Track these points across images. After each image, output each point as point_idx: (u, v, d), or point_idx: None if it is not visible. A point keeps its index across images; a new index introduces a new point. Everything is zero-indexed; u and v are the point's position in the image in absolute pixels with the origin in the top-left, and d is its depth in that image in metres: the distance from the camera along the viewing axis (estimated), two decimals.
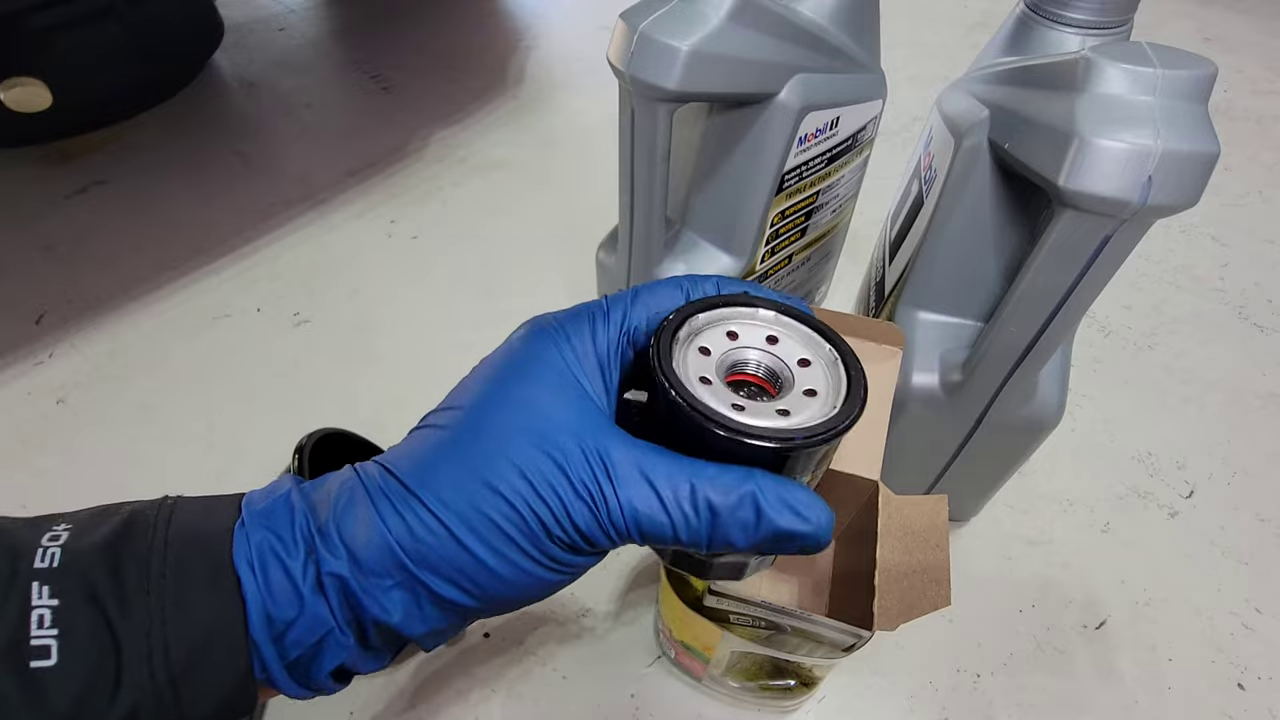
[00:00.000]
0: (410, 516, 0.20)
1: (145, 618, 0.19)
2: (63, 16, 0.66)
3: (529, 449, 0.20)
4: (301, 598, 0.20)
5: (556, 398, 0.21)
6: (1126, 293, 0.65)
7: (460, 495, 0.20)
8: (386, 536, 0.20)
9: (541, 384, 0.21)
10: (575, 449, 0.20)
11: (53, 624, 0.18)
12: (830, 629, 0.30)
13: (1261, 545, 0.49)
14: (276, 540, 0.20)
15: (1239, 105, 0.88)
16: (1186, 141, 0.26)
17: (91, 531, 0.20)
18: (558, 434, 0.20)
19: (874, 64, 0.44)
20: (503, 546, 0.20)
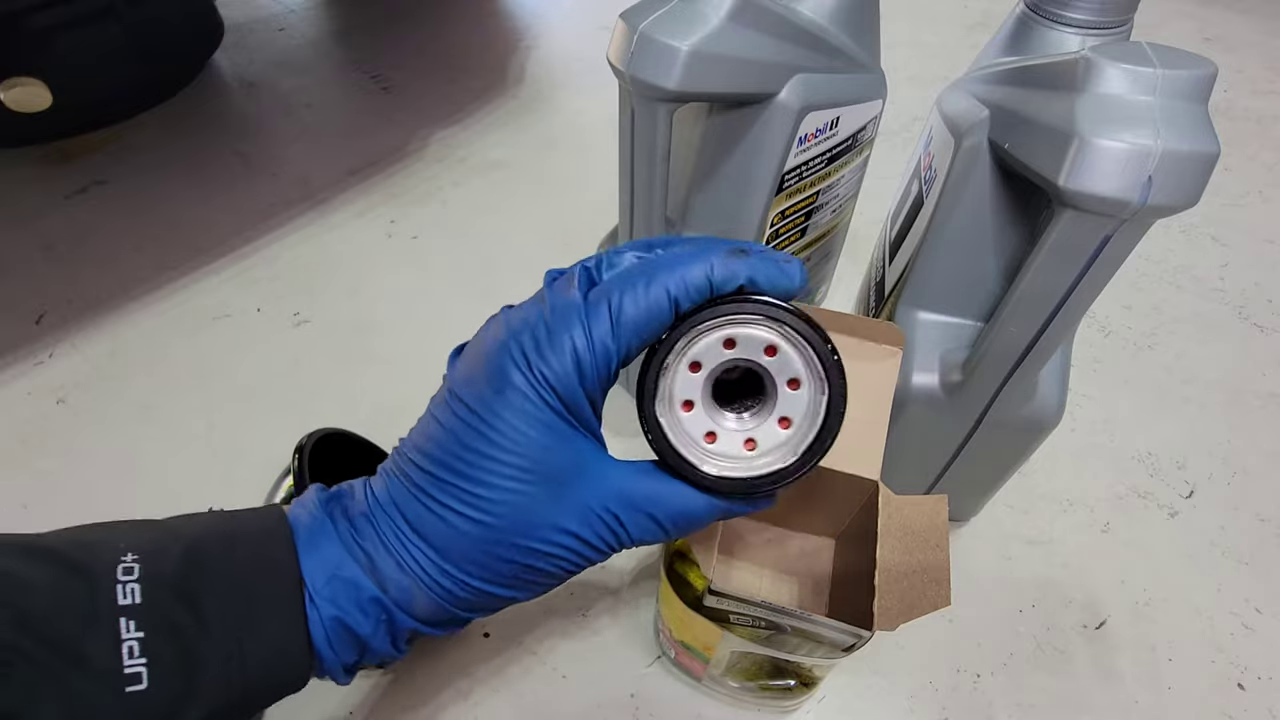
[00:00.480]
0: (455, 588, 0.24)
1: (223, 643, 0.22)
2: (63, 16, 0.66)
3: (550, 524, 0.23)
4: (370, 649, 0.25)
5: (556, 460, 0.23)
6: (1126, 293, 0.65)
7: (496, 573, 0.24)
8: (441, 603, 0.24)
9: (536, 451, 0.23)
10: (593, 514, 0.23)
11: (141, 654, 0.21)
12: (830, 629, 0.30)
13: (1261, 545, 0.49)
14: (349, 617, 0.24)
15: (1239, 105, 0.88)
16: (1186, 141, 0.26)
17: (160, 561, 0.23)
18: (571, 504, 0.23)
19: (874, 64, 0.44)
20: (534, 591, 0.25)
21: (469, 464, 0.23)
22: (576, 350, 0.22)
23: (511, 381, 0.22)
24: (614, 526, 0.23)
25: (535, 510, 0.23)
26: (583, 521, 0.23)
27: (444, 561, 0.23)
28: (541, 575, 0.24)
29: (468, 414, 0.23)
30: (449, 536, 0.23)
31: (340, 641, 0.24)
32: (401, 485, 0.24)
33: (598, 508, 0.23)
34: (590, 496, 0.23)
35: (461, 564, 0.23)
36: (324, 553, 0.24)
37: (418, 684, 0.42)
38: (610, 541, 0.24)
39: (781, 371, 0.23)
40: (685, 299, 0.22)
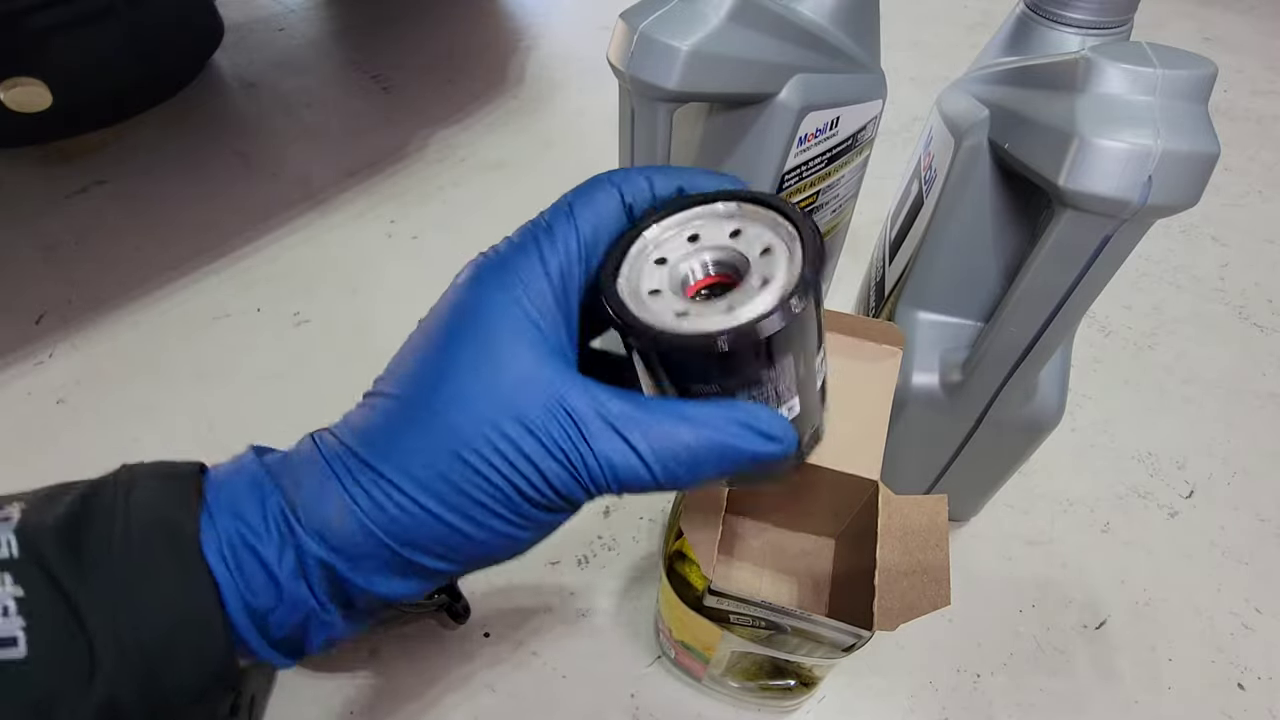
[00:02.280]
0: (384, 499, 0.20)
1: (112, 605, 0.19)
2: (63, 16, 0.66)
3: (495, 414, 0.19)
4: (279, 585, 0.20)
5: (514, 350, 0.20)
6: (1126, 293, 0.65)
7: (432, 471, 0.19)
8: (365, 521, 0.20)
9: (496, 337, 0.20)
10: (542, 409, 0.19)
11: (18, 613, 0.18)
12: (830, 629, 0.30)
13: (1261, 545, 0.49)
14: (247, 529, 0.20)
15: (1239, 105, 0.88)
16: (1186, 141, 0.26)
17: (46, 511, 0.19)
18: (522, 394, 0.19)
19: (874, 64, 0.44)
20: (482, 517, 0.20)
21: (429, 360, 0.21)
22: (534, 235, 0.21)
23: (478, 274, 0.21)
24: (571, 434, 0.19)
25: (488, 393, 0.19)
26: (535, 413, 0.19)
27: (376, 459, 0.20)
28: (481, 491, 0.19)
29: (433, 315, 0.21)
30: (391, 433, 0.20)
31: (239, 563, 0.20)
32: (362, 406, 0.22)
33: (555, 404, 0.19)
34: (550, 390, 0.19)
35: (395, 462, 0.20)
36: (236, 478, 0.21)
37: (418, 684, 0.42)
38: (567, 452, 0.19)
39: (750, 247, 0.20)
40: (629, 195, 0.22)
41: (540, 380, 0.20)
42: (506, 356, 0.20)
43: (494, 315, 0.20)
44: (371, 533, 0.20)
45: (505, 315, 0.20)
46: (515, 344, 0.20)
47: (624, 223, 0.22)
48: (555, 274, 0.21)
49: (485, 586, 0.46)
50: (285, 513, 0.20)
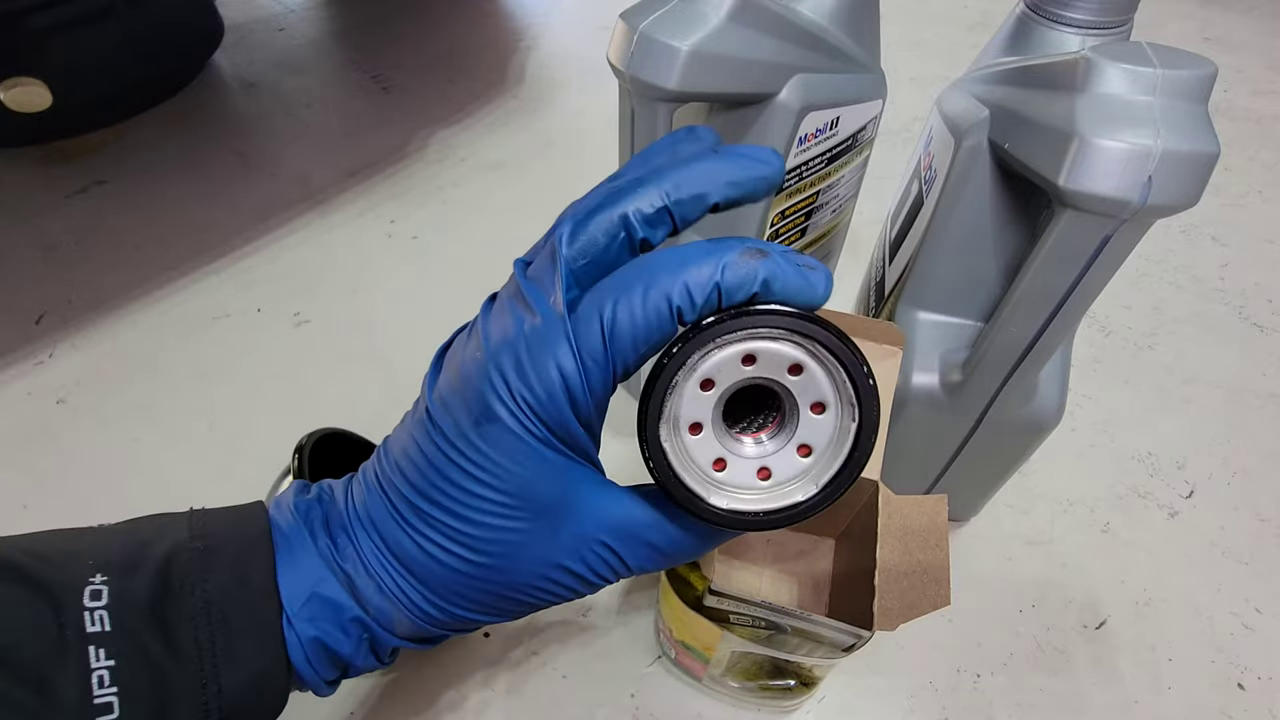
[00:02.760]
0: (443, 616, 0.23)
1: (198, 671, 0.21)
2: (63, 16, 0.66)
3: (544, 563, 0.22)
4: (354, 666, 0.24)
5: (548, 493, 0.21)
6: (1126, 293, 0.65)
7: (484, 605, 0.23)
8: (426, 626, 0.24)
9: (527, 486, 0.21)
10: (591, 552, 0.22)
11: (112, 683, 0.20)
12: (830, 629, 0.30)
13: (1261, 545, 0.49)
14: (329, 638, 0.23)
15: (1239, 105, 0.88)
16: (1186, 141, 0.26)
17: (131, 583, 0.21)
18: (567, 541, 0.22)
19: (874, 64, 0.44)
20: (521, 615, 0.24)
21: (451, 498, 0.21)
22: (564, 374, 0.19)
23: (492, 412, 0.20)
24: (609, 560, 0.22)
25: (526, 547, 0.21)
26: (576, 557, 0.22)
27: (427, 591, 0.23)
28: (530, 606, 0.23)
29: (447, 445, 0.21)
30: (432, 570, 0.22)
31: (320, 661, 0.23)
32: (382, 504, 0.23)
33: (593, 541, 0.21)
34: (585, 530, 0.21)
35: (445, 596, 0.23)
36: (303, 568, 0.23)
37: (418, 684, 0.42)
38: (606, 575, 0.22)
39: (805, 393, 0.20)
40: (690, 308, 0.19)
41: (583, 522, 0.21)
42: (548, 504, 0.21)
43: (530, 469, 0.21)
44: (428, 630, 0.24)
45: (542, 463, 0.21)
46: (552, 489, 0.21)
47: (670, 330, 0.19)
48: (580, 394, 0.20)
49: None
50: (362, 620, 0.23)
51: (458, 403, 0.21)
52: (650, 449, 0.20)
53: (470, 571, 0.22)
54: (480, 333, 0.21)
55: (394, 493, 0.22)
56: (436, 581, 0.22)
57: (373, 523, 0.23)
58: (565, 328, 0.20)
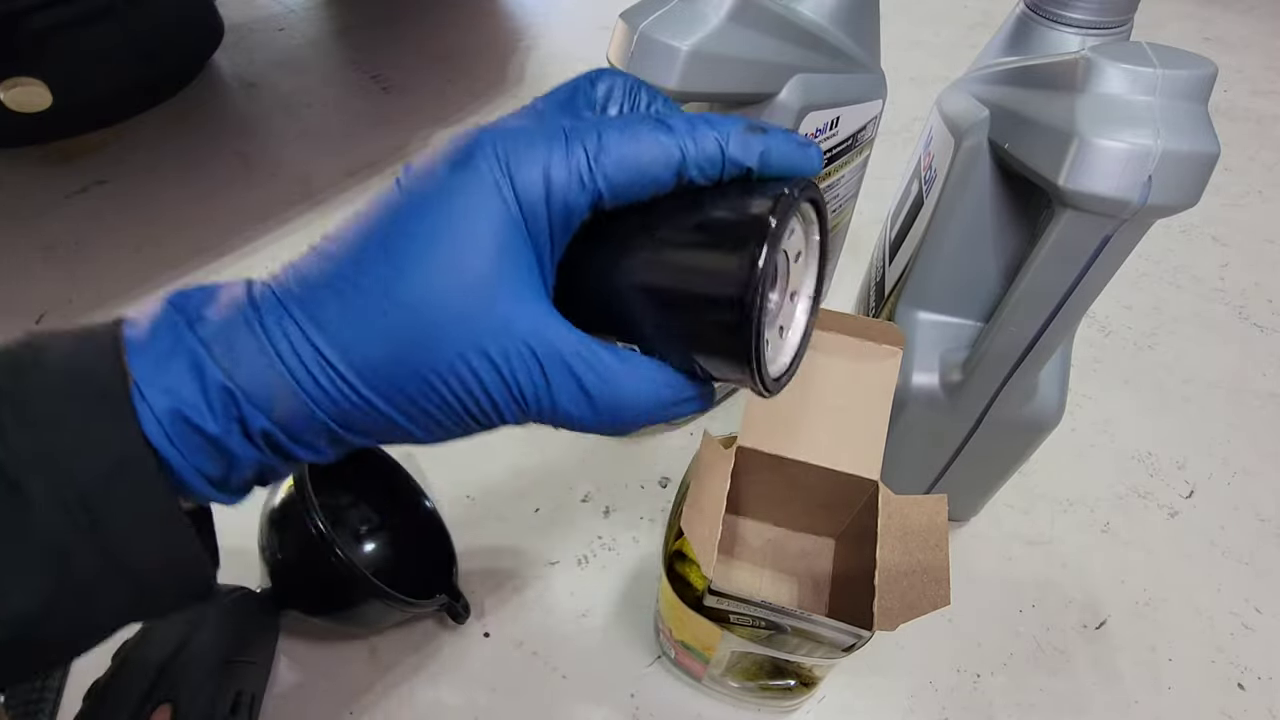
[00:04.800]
0: (337, 394, 0.19)
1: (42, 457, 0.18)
2: (63, 16, 0.66)
3: (467, 342, 0.19)
4: (232, 454, 0.20)
5: (503, 277, 0.19)
6: (1126, 293, 0.65)
7: (392, 384, 0.19)
8: (314, 409, 0.19)
9: (488, 259, 0.19)
10: (518, 354, 0.19)
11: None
12: (830, 629, 0.30)
13: (1261, 545, 0.49)
14: (187, 406, 0.19)
15: (1239, 105, 0.88)
16: (1186, 141, 0.26)
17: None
18: (500, 328, 0.19)
19: (874, 64, 0.44)
20: (432, 426, 0.20)
21: (400, 247, 0.19)
22: (550, 166, 0.19)
23: (475, 163, 0.19)
24: (535, 378, 0.19)
25: (456, 317, 0.19)
26: (501, 350, 0.19)
27: (332, 352, 0.19)
28: (435, 406, 0.20)
29: (416, 189, 0.19)
30: (348, 324, 0.19)
31: (187, 442, 0.19)
32: (312, 264, 0.20)
33: (522, 344, 0.19)
34: (519, 326, 0.19)
35: (352, 360, 0.19)
36: (158, 343, 0.19)
37: (418, 684, 0.42)
38: (526, 389, 0.20)
39: (792, 245, 0.21)
40: (694, 165, 0.19)
41: (522, 319, 0.19)
42: (494, 284, 0.19)
43: (481, 223, 0.19)
44: (318, 418, 0.20)
45: (491, 224, 0.19)
46: (505, 269, 0.19)
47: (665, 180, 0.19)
48: (558, 199, 0.19)
49: (485, 586, 0.46)
50: (229, 389, 0.19)
51: (438, 159, 0.20)
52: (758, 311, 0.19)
53: (390, 330, 0.19)
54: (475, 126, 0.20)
55: (325, 244, 0.20)
56: (347, 337, 0.19)
57: (292, 277, 0.20)
58: (569, 128, 0.19)
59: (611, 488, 0.51)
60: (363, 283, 0.19)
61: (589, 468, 0.52)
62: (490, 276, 0.19)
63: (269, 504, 0.39)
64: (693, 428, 0.55)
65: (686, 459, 0.52)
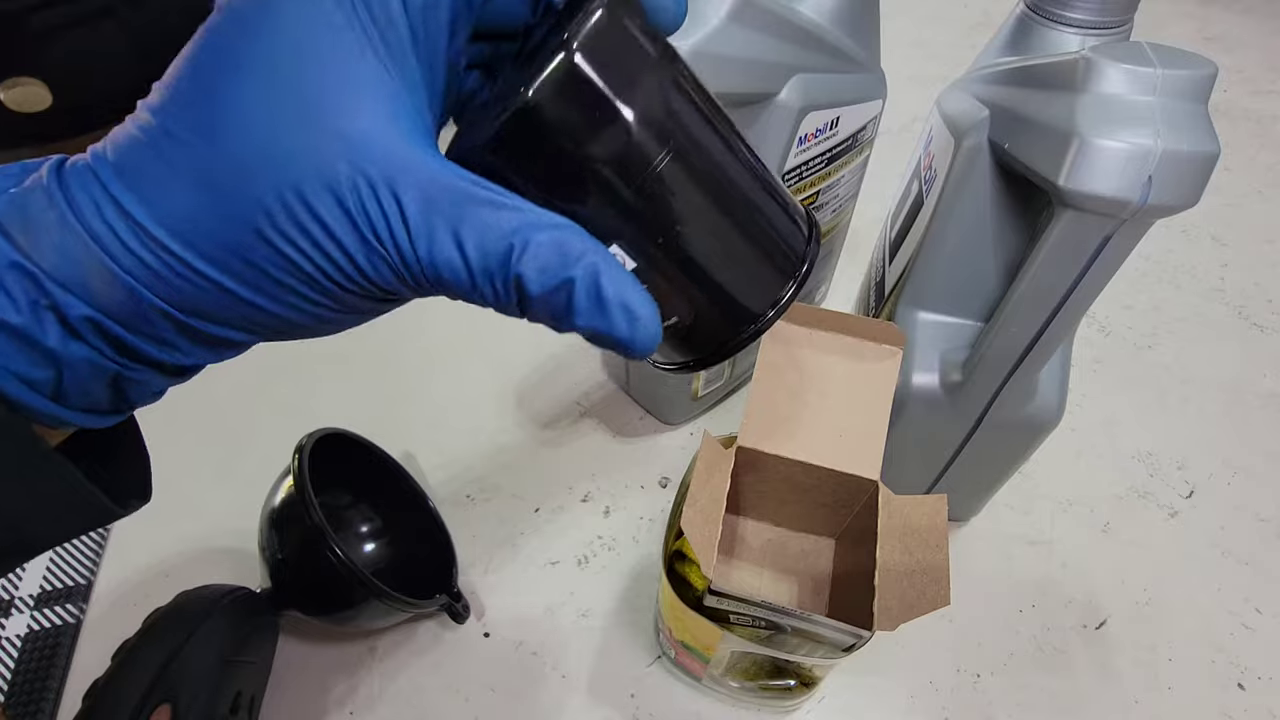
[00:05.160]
0: (157, 264, 0.16)
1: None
2: (63, 16, 0.66)
3: (299, 171, 0.15)
4: (52, 352, 0.16)
5: (338, 85, 0.15)
6: (1126, 293, 0.65)
7: (214, 238, 0.16)
8: (135, 286, 0.16)
9: (313, 62, 0.15)
10: (361, 179, 0.15)
11: None
12: (830, 629, 0.30)
13: (1261, 545, 0.49)
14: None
15: (1239, 105, 0.88)
16: (1186, 141, 0.26)
17: None
18: (338, 151, 0.15)
19: (874, 64, 0.44)
20: (286, 296, 0.16)
21: (214, 76, 0.15)
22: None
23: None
24: (386, 208, 0.15)
25: (296, 146, 0.15)
26: (341, 184, 0.15)
27: (140, 210, 0.15)
28: (272, 263, 0.16)
29: (235, 4, 0.15)
30: (161, 177, 0.15)
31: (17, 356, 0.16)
32: (129, 124, 0.16)
33: (372, 174, 0.15)
34: (368, 153, 0.15)
35: (163, 217, 0.15)
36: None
37: (418, 684, 0.42)
38: (377, 228, 0.16)
39: None
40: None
41: (369, 138, 0.15)
42: (332, 101, 0.15)
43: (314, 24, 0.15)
44: (145, 298, 0.16)
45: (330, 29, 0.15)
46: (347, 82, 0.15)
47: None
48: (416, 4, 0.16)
49: (485, 586, 0.46)
50: (26, 269, 0.15)
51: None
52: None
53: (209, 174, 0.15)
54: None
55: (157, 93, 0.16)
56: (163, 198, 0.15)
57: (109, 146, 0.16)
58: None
59: (611, 488, 0.51)
60: (177, 127, 0.15)
61: (589, 468, 0.52)
62: (328, 92, 0.15)
63: (269, 504, 0.39)
64: (692, 428, 0.55)
65: (686, 459, 0.52)
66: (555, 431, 0.54)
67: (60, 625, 0.43)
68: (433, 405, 0.55)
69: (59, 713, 0.40)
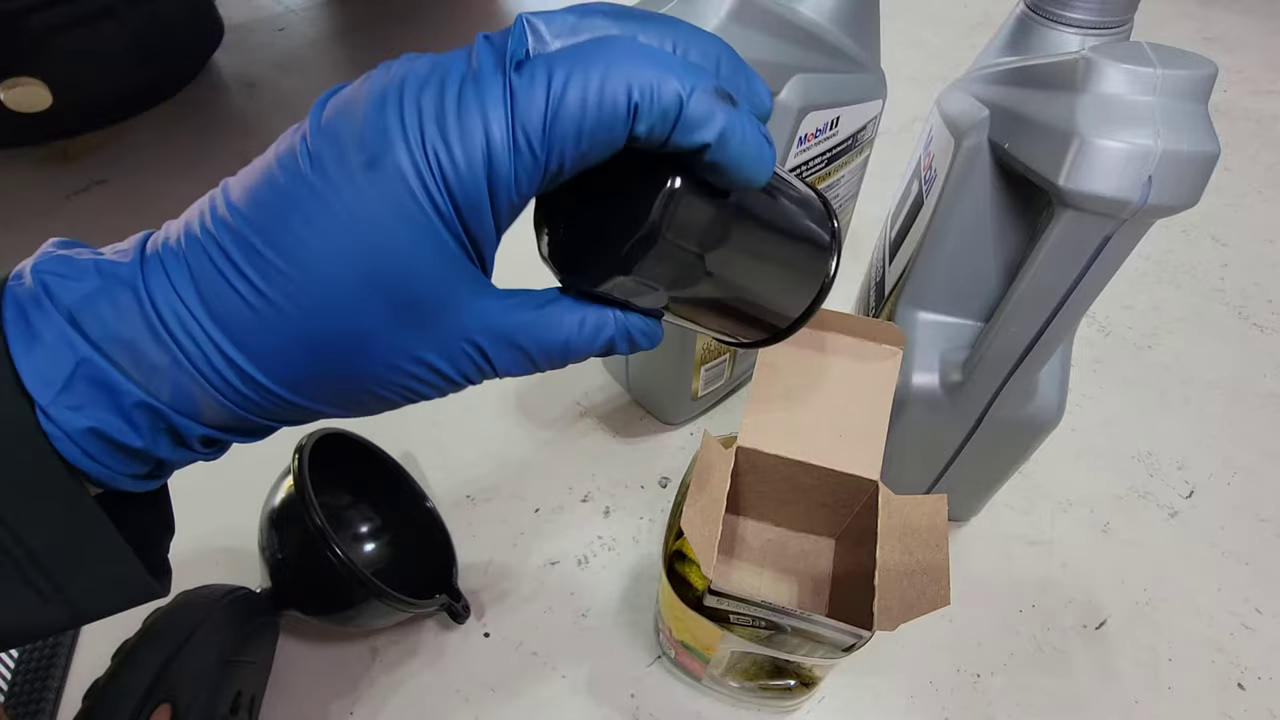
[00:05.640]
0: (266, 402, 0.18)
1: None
2: (63, 16, 0.66)
3: (400, 352, 0.18)
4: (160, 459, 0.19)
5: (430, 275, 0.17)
6: (1126, 293, 0.65)
7: (321, 390, 0.19)
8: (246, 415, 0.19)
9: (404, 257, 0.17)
10: (460, 348, 0.19)
11: None
12: (830, 629, 0.30)
13: (1261, 545, 0.49)
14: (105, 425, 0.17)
15: (1239, 105, 0.87)
16: (1186, 141, 0.26)
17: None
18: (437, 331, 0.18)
19: (874, 64, 0.44)
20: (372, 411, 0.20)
21: (306, 250, 0.16)
22: (490, 140, 0.16)
23: (392, 158, 0.16)
24: (478, 360, 0.19)
25: (381, 337, 0.18)
26: (442, 354, 0.19)
27: (251, 366, 0.17)
28: (376, 401, 0.19)
29: (321, 180, 0.16)
30: (263, 337, 0.17)
31: (108, 455, 0.18)
32: (210, 249, 0.17)
33: (463, 341, 0.19)
34: (457, 328, 0.18)
35: (274, 373, 0.18)
36: (48, 344, 0.17)
37: (418, 684, 0.42)
38: (470, 375, 0.20)
39: None
40: (648, 114, 0.16)
41: (449, 318, 0.18)
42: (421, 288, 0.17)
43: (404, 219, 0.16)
44: (251, 420, 0.19)
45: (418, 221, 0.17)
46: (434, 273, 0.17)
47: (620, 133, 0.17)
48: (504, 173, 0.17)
49: (485, 586, 0.46)
50: (150, 404, 0.17)
51: (350, 133, 0.16)
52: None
53: (309, 357, 0.17)
54: (401, 66, 0.17)
55: (230, 236, 0.17)
56: (269, 356, 0.17)
57: (190, 274, 0.17)
58: (505, 84, 0.16)
59: (611, 488, 0.51)
60: (268, 289, 0.17)
61: (589, 468, 0.52)
62: (414, 290, 0.17)
63: (269, 504, 0.39)
64: (692, 428, 0.55)
65: (686, 459, 0.52)
66: (555, 431, 0.54)
67: None
68: (432, 405, 0.55)
69: (59, 713, 0.40)
